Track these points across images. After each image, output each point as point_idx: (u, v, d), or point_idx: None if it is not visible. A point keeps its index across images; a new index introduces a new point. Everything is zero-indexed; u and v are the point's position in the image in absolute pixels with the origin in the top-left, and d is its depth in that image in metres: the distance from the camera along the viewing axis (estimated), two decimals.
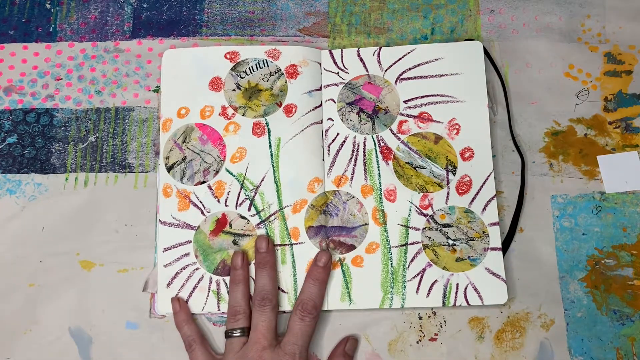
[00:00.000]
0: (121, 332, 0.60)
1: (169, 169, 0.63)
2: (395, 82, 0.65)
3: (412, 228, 0.61)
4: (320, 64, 0.66)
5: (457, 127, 0.63)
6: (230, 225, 0.62)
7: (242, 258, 0.60)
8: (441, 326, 0.59)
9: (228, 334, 0.57)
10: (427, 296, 0.59)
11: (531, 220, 0.62)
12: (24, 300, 0.61)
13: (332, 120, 0.64)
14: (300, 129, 0.63)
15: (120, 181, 0.64)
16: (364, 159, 0.63)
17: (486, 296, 0.59)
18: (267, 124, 0.64)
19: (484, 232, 0.61)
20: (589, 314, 0.59)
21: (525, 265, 0.61)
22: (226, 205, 0.62)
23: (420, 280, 0.60)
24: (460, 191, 0.62)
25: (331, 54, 0.66)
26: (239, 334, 0.56)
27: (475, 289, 0.59)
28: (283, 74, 0.65)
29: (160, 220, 0.62)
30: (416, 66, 0.65)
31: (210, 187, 0.63)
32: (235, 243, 0.61)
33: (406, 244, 0.61)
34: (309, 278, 0.59)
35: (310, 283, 0.58)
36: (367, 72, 0.65)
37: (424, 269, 0.60)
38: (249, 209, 0.62)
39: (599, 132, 0.64)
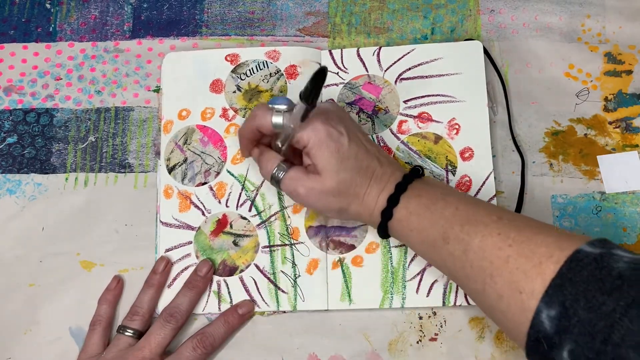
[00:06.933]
0: None
1: (170, 170, 0.63)
2: (395, 82, 0.65)
3: None
4: (320, 64, 0.66)
5: (457, 127, 0.63)
6: (231, 226, 0.62)
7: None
8: (441, 326, 0.59)
9: (120, 330, 0.57)
10: (427, 296, 0.59)
11: None
12: (24, 300, 0.61)
13: None
14: None
15: (120, 181, 0.64)
16: None
17: None
18: None
19: None
20: None
21: None
22: (227, 206, 0.62)
23: (420, 280, 0.60)
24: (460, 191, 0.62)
25: (331, 54, 0.66)
26: (130, 334, 0.57)
27: None
28: (283, 74, 0.65)
29: (161, 221, 0.62)
30: (416, 66, 0.65)
31: (211, 188, 0.63)
32: (235, 244, 0.61)
33: None
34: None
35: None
36: (367, 72, 0.65)
37: (424, 269, 0.60)
38: (250, 210, 0.62)
39: (599, 132, 0.64)
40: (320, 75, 0.48)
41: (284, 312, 0.60)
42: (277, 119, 0.54)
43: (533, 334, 0.44)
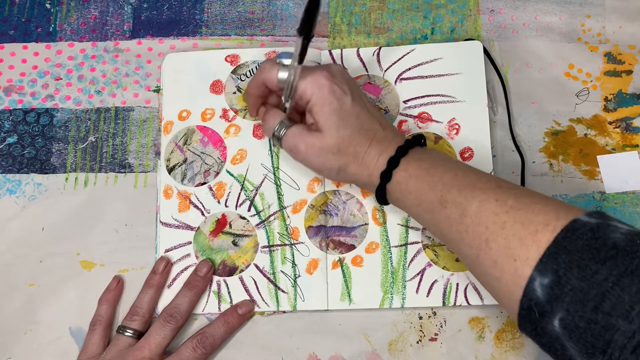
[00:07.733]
0: None
1: (170, 170, 0.63)
2: (395, 82, 0.65)
3: (412, 228, 0.61)
4: (320, 64, 0.65)
5: (457, 127, 0.63)
6: (230, 226, 0.62)
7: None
8: (441, 326, 0.59)
9: (120, 330, 0.57)
10: (427, 296, 0.59)
11: None
12: (24, 300, 0.61)
13: None
14: None
15: (120, 181, 0.64)
16: None
17: (486, 296, 0.59)
18: None
19: None
20: None
21: None
22: (226, 206, 0.62)
23: (420, 280, 0.60)
24: None
25: (331, 54, 0.66)
26: (130, 334, 0.57)
27: (476, 289, 0.59)
28: None
29: (161, 222, 0.62)
30: (416, 66, 0.65)
31: (210, 189, 0.63)
32: (235, 243, 0.61)
33: (406, 244, 0.61)
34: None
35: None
36: (367, 72, 0.65)
37: (424, 269, 0.60)
38: (249, 210, 0.62)
39: (599, 132, 0.64)
40: (312, 4, 0.47)
41: (284, 312, 0.60)
42: (283, 74, 0.54)
43: (525, 301, 0.43)
